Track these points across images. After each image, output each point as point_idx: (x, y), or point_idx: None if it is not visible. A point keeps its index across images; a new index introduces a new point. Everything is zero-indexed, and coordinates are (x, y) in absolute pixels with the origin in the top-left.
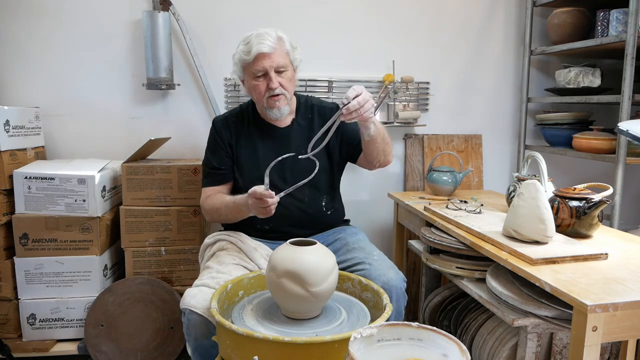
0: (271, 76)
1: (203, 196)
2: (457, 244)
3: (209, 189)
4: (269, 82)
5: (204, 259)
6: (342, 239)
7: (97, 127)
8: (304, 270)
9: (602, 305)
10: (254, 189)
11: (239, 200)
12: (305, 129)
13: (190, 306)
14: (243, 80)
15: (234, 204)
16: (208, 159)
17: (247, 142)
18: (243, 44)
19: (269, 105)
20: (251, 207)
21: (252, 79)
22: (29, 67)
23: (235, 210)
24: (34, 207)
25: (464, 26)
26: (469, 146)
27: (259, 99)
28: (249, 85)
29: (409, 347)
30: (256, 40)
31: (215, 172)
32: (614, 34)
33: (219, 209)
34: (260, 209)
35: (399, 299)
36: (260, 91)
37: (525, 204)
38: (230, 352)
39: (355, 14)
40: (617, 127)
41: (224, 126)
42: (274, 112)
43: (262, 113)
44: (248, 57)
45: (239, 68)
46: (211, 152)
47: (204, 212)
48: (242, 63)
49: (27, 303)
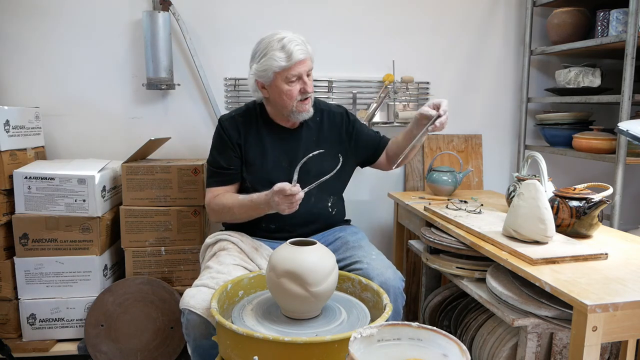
0: (305, 80)
1: (209, 196)
2: (457, 244)
3: (216, 189)
4: (304, 86)
5: (205, 259)
6: (342, 237)
7: (97, 127)
8: (304, 270)
9: (602, 305)
10: (282, 187)
11: (257, 198)
12: (314, 132)
13: (190, 306)
14: (264, 84)
15: (251, 202)
16: (214, 158)
17: (256, 142)
18: (277, 50)
19: (299, 110)
20: (276, 203)
21: (285, 83)
22: (29, 67)
23: (252, 209)
24: (34, 207)
25: (464, 26)
26: (469, 146)
27: (288, 103)
28: (279, 89)
29: (409, 347)
30: (294, 47)
31: (223, 171)
32: (614, 34)
33: (231, 208)
34: (287, 205)
35: (397, 298)
36: (293, 96)
37: (525, 204)
38: (230, 352)
39: (355, 14)
40: (617, 127)
41: (232, 125)
42: (303, 115)
43: (276, 114)
44: (287, 63)
45: (269, 74)
46: (218, 152)
47: (210, 212)
48: (277, 68)
49: (27, 303)
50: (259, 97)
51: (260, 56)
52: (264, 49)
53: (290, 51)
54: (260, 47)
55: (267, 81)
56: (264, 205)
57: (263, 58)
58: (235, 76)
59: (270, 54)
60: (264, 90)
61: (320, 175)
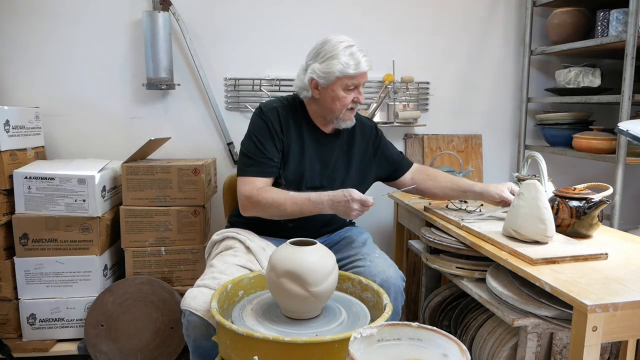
0: (361, 91)
1: (249, 187)
2: (457, 244)
3: (257, 180)
4: (358, 96)
5: (210, 256)
6: (348, 237)
7: (97, 127)
8: (304, 270)
9: (602, 305)
10: (365, 198)
11: (318, 198)
12: (347, 141)
13: (191, 308)
14: (318, 85)
15: (309, 201)
16: (257, 147)
17: (297, 138)
18: (346, 56)
19: (344, 118)
20: (349, 209)
21: (342, 90)
22: (29, 67)
23: (308, 206)
24: (34, 207)
25: (464, 26)
26: (469, 146)
27: (337, 109)
28: (334, 94)
29: (409, 347)
30: (362, 58)
31: (268, 162)
32: (614, 34)
33: (282, 204)
34: (357, 213)
35: (397, 297)
36: (346, 103)
37: (525, 204)
38: (230, 352)
39: (355, 14)
40: (617, 127)
41: (275, 116)
42: (347, 123)
43: (317, 116)
44: (353, 71)
45: (331, 77)
46: (262, 140)
47: (249, 205)
48: (341, 74)
49: (27, 303)
50: (306, 95)
51: (326, 58)
52: (331, 51)
53: (359, 60)
54: (326, 48)
55: (324, 83)
56: (324, 206)
57: (329, 60)
58: (235, 76)
59: (338, 58)
60: (315, 90)
61: (344, 184)
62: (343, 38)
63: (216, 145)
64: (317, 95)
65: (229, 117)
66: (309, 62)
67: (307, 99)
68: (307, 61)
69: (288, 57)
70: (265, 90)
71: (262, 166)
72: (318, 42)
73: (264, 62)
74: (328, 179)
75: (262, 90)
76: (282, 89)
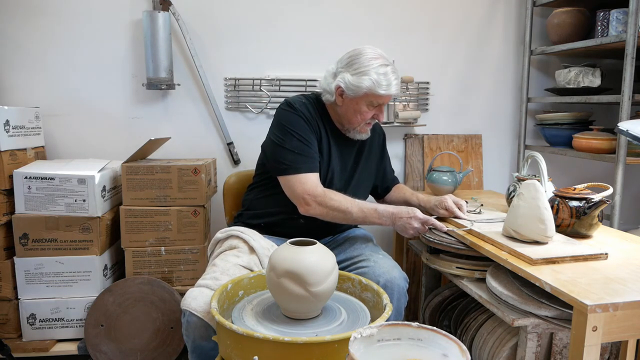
0: (382, 110)
1: (310, 185)
2: (457, 244)
3: (314, 176)
4: (379, 114)
5: (213, 254)
6: (352, 238)
7: (97, 127)
8: (304, 270)
9: (602, 305)
10: (434, 221)
11: (384, 210)
12: (365, 146)
13: (191, 308)
14: (344, 94)
15: (375, 212)
16: (300, 142)
17: (324, 138)
18: (380, 75)
19: (361, 130)
20: (409, 226)
21: (365, 105)
22: (29, 67)
23: (373, 216)
24: (34, 207)
25: (464, 26)
26: (469, 146)
27: (356, 122)
28: (357, 107)
29: (409, 347)
30: (394, 81)
31: (316, 156)
32: (614, 34)
33: (348, 210)
34: (415, 231)
35: (400, 298)
36: (365, 118)
37: (525, 204)
38: (230, 352)
39: (355, 14)
40: (617, 127)
41: (307, 112)
42: (362, 135)
43: (337, 121)
44: (383, 92)
45: (360, 90)
46: (303, 135)
47: (317, 203)
48: (369, 91)
49: (27, 303)
50: (328, 99)
51: (359, 71)
52: (366, 66)
53: (390, 82)
54: (361, 61)
55: (351, 95)
56: (387, 219)
57: (362, 75)
58: (235, 76)
59: (370, 75)
60: (339, 98)
61: (355, 188)
62: (379, 53)
63: (216, 145)
64: (340, 103)
65: (229, 117)
66: (340, 69)
67: (328, 102)
68: (337, 67)
69: (288, 57)
70: (265, 90)
71: (313, 161)
72: (353, 52)
73: (264, 62)
74: (345, 181)
75: (262, 91)
76: (282, 89)
